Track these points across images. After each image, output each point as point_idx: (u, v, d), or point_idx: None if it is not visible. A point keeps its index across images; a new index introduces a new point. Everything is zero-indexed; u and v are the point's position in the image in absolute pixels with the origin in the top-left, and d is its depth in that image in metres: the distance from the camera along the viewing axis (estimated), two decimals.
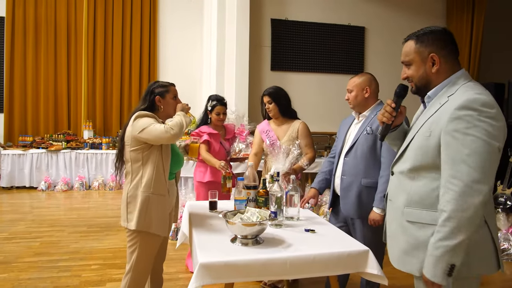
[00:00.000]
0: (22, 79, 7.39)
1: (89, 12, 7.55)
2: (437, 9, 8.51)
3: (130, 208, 2.02)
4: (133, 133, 2.00)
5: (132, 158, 2.03)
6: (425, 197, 1.40)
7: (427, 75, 1.44)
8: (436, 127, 1.35)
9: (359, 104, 2.31)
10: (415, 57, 1.45)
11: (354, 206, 2.23)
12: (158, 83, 2.21)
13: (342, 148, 2.36)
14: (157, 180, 2.02)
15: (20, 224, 4.59)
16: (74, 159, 6.93)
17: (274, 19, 7.67)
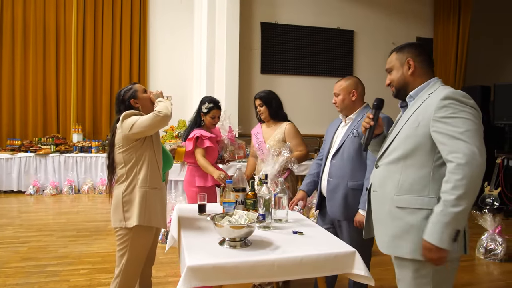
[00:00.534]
0: (10, 81, 7.31)
1: (78, 13, 7.50)
2: (424, 13, 8.64)
3: (127, 206, 2.00)
4: (123, 132, 2.00)
5: (125, 159, 2.02)
6: (414, 184, 1.52)
7: (404, 78, 1.65)
8: (423, 117, 1.50)
9: (346, 108, 2.33)
10: (395, 63, 1.68)
11: (340, 208, 2.25)
12: (121, 91, 2.20)
13: (329, 151, 2.39)
14: (152, 175, 2.04)
15: (7, 229, 4.53)
16: (63, 163, 6.86)
17: (264, 23, 7.71)
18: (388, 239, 1.59)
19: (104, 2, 7.64)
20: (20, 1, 7.28)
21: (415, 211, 1.51)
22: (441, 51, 8.44)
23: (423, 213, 1.49)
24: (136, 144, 2.02)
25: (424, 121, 1.49)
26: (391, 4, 8.39)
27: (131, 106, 2.13)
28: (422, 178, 1.51)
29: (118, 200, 2.03)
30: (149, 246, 2.13)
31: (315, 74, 8.03)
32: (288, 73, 7.85)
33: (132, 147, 2.02)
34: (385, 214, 1.60)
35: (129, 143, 2.01)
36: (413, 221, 1.51)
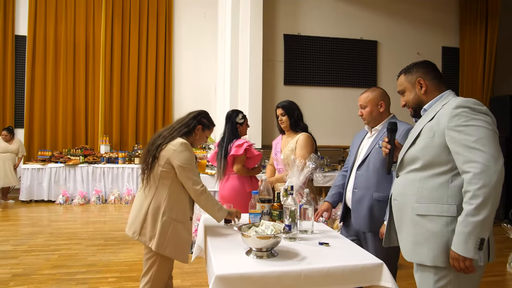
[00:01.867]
0: (42, 95, 7.64)
1: (106, 29, 7.80)
2: (450, 22, 8.52)
3: (147, 222, 2.08)
4: (173, 159, 2.08)
5: (161, 175, 2.10)
6: (433, 192, 1.56)
7: (418, 97, 1.71)
8: (438, 127, 1.54)
9: (374, 119, 2.31)
10: (406, 85, 1.74)
11: (366, 219, 2.23)
12: (208, 116, 2.33)
13: (355, 162, 2.37)
14: (180, 206, 2.12)
15: (39, 237, 4.69)
16: (91, 173, 7.07)
17: (287, 34, 7.79)
18: (410, 246, 1.62)
19: (131, 18, 7.92)
20: (52, 20, 7.64)
21: (435, 218, 1.54)
22: (468, 60, 8.28)
23: (443, 220, 1.52)
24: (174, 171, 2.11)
25: (439, 131, 1.53)
26: (415, 13, 8.31)
27: (194, 128, 2.23)
28: (440, 185, 1.54)
29: (142, 211, 2.10)
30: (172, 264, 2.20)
31: (338, 85, 8.02)
32: (311, 84, 7.87)
33: (170, 171, 2.10)
34: (406, 222, 1.64)
35: (170, 168, 2.10)
36: (433, 228, 1.54)
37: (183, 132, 2.19)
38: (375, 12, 8.18)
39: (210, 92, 8.07)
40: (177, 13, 8.17)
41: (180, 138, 2.14)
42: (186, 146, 2.12)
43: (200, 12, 8.17)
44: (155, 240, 2.05)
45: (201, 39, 8.17)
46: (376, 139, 2.28)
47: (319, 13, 7.93)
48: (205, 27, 8.16)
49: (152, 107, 8.00)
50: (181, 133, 2.18)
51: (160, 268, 2.12)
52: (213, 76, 8.06)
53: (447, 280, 1.53)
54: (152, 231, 2.07)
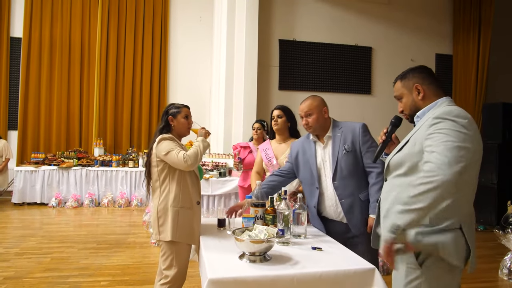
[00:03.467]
0: (36, 97, 7.61)
1: (102, 32, 7.80)
2: (443, 29, 8.61)
3: (161, 221, 2.25)
4: (158, 154, 2.26)
5: (160, 176, 2.29)
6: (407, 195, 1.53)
7: (415, 103, 1.68)
8: (420, 136, 1.55)
9: (321, 126, 2.31)
10: (403, 91, 1.72)
11: (363, 222, 2.25)
12: (173, 105, 2.44)
13: (320, 176, 2.32)
14: (184, 195, 2.28)
15: (31, 240, 4.65)
16: (85, 176, 7.03)
17: (282, 40, 7.83)
18: None
19: (127, 21, 7.93)
20: (48, 22, 7.62)
21: None
22: (461, 68, 8.37)
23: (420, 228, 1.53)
24: (170, 166, 2.28)
25: (418, 139, 1.55)
26: (410, 21, 8.40)
27: (167, 121, 2.37)
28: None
29: (154, 213, 2.28)
30: (189, 253, 2.34)
31: (332, 90, 8.07)
32: (306, 89, 7.90)
33: (166, 167, 2.28)
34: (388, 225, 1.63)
35: (162, 162, 2.28)
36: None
37: (159, 130, 2.37)
38: (370, 19, 8.25)
39: (205, 96, 8.08)
40: (173, 17, 8.19)
41: (158, 136, 2.30)
42: (162, 137, 2.27)
43: (196, 16, 8.19)
44: (169, 231, 2.22)
45: (197, 43, 8.19)
46: (336, 145, 2.26)
47: (314, 19, 7.98)
48: (201, 31, 8.18)
49: (146, 110, 7.99)
50: (159, 132, 2.35)
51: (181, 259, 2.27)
52: (208, 80, 8.08)
53: (419, 282, 1.53)
54: (165, 226, 2.24)
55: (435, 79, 1.69)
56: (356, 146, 2.25)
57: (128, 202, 6.93)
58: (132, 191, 7.08)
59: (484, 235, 5.49)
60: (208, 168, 6.18)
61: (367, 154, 2.24)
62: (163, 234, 2.25)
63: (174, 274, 2.24)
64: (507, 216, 5.44)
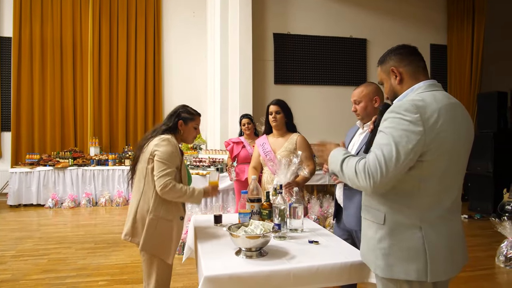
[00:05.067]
0: (29, 97, 7.53)
1: (94, 29, 7.72)
2: (438, 20, 8.60)
3: (138, 225, 2.08)
4: (154, 151, 2.07)
5: (147, 173, 2.09)
6: (368, 196, 1.56)
7: (393, 88, 1.57)
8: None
9: (369, 115, 2.28)
10: (382, 76, 1.61)
11: (356, 218, 2.22)
12: (187, 108, 2.28)
13: None
14: (167, 204, 2.09)
15: (27, 241, 4.62)
16: (81, 176, 6.99)
17: (276, 33, 7.79)
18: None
19: (119, 17, 7.85)
20: (38, 20, 7.53)
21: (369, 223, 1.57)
22: (456, 57, 8.37)
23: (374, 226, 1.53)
24: None
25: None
26: (404, 11, 8.38)
27: (177, 125, 2.21)
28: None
29: (132, 212, 2.11)
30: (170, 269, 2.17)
31: (328, 83, 8.05)
32: (302, 83, 7.88)
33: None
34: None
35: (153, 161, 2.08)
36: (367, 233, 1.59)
37: (163, 130, 2.18)
38: (364, 10, 8.22)
39: (200, 92, 8.04)
40: (166, 13, 8.12)
41: (162, 135, 2.13)
42: (168, 140, 2.09)
43: (189, 12, 8.13)
44: (142, 239, 2.04)
45: (191, 39, 8.13)
46: (367, 135, 2.27)
47: (308, 12, 7.94)
48: (195, 27, 8.12)
49: (142, 108, 7.94)
50: (162, 132, 2.17)
51: (161, 268, 2.09)
52: (203, 76, 8.03)
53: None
54: (140, 231, 2.07)
55: (414, 59, 1.54)
56: None
57: (125, 200, 6.90)
58: (129, 190, 7.03)
59: (481, 223, 5.51)
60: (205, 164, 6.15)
61: None
62: (137, 237, 2.06)
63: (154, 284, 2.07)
64: (503, 204, 5.46)
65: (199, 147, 7.09)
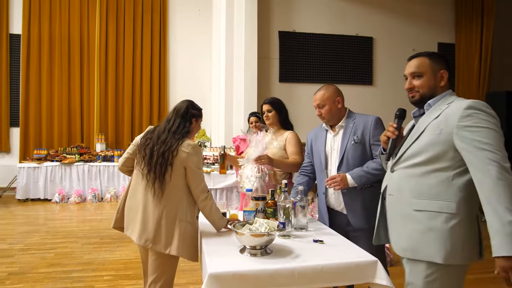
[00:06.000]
0: (37, 94, 7.60)
1: (101, 27, 7.75)
2: (446, 18, 8.52)
3: (164, 231, 2.03)
4: (188, 162, 2.05)
5: (173, 181, 2.06)
6: (432, 188, 1.56)
7: (435, 87, 1.66)
8: (446, 125, 1.54)
9: (334, 117, 2.33)
10: (427, 70, 1.66)
11: (363, 216, 2.23)
12: (193, 105, 2.25)
13: (327, 164, 2.34)
14: (191, 208, 2.13)
15: (35, 235, 4.68)
16: (87, 172, 7.05)
17: (281, 31, 7.77)
18: (405, 242, 1.64)
19: (126, 15, 7.88)
20: (46, 18, 7.58)
21: (434, 214, 1.56)
22: (464, 56, 8.29)
23: (442, 216, 1.54)
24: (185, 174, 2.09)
25: (447, 128, 1.53)
26: (411, 9, 8.31)
27: (190, 122, 2.18)
28: (441, 182, 1.55)
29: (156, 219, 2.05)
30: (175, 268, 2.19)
31: (333, 82, 7.99)
32: (307, 81, 7.86)
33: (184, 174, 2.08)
34: (403, 217, 1.65)
35: (183, 172, 2.07)
36: (431, 225, 1.56)
37: (183, 132, 2.12)
38: (370, 9, 8.17)
39: (205, 89, 8.05)
40: (171, 10, 8.13)
41: (188, 140, 2.11)
42: (197, 149, 2.10)
43: (195, 9, 8.13)
44: (175, 245, 2.02)
45: (196, 36, 8.14)
46: (346, 135, 2.27)
47: (314, 10, 7.91)
48: (200, 24, 8.12)
49: (147, 105, 7.98)
50: (184, 135, 2.12)
51: (171, 270, 2.14)
52: (208, 73, 8.04)
53: (437, 275, 1.56)
54: (168, 238, 2.02)
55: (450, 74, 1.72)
56: (365, 138, 2.25)
57: None
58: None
59: None
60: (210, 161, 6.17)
61: (376, 147, 2.22)
62: (159, 245, 2.02)
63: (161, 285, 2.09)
64: None
65: (203, 144, 7.11)
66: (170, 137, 2.08)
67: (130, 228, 2.14)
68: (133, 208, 2.14)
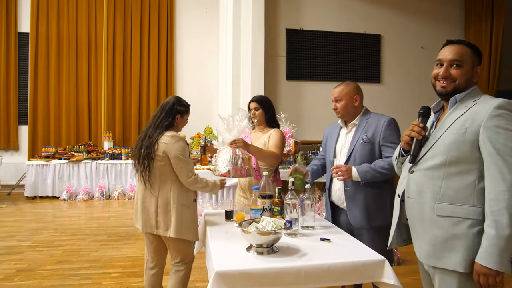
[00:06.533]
0: (45, 92, 7.66)
1: (108, 25, 7.79)
2: (455, 16, 8.41)
3: (162, 217, 2.26)
4: (168, 151, 2.23)
5: (160, 171, 2.26)
6: (458, 192, 1.44)
7: (469, 82, 1.55)
8: (472, 124, 1.43)
9: (349, 113, 2.31)
10: (468, 61, 1.54)
11: (363, 216, 2.21)
12: (180, 101, 2.40)
13: (335, 159, 2.33)
14: (184, 192, 2.31)
15: (43, 232, 4.72)
16: (95, 169, 7.09)
17: (289, 29, 7.73)
18: (429, 249, 1.52)
19: (133, 13, 7.91)
20: (54, 17, 7.64)
21: (459, 220, 1.44)
22: None
23: (467, 222, 1.43)
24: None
25: (473, 127, 1.43)
26: (419, 6, 8.22)
27: (174, 118, 2.36)
28: (467, 186, 1.43)
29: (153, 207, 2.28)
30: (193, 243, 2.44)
31: (341, 80, 7.90)
32: (314, 79, 7.82)
33: (169, 162, 2.26)
34: (425, 222, 1.52)
35: (168, 161, 2.25)
36: (457, 231, 1.44)
37: (166, 126, 2.31)
38: (378, 6, 8.10)
39: (212, 87, 8.05)
40: (178, 8, 8.14)
41: (167, 132, 2.28)
42: (177, 137, 2.27)
43: (202, 7, 8.13)
44: (172, 228, 2.23)
45: (203, 35, 8.14)
46: (357, 134, 2.25)
47: (321, 7, 7.86)
48: (207, 23, 8.12)
49: (154, 103, 8.00)
50: (165, 128, 2.30)
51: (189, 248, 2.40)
52: (215, 72, 8.04)
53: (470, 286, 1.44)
54: (167, 222, 2.25)
55: None
56: (375, 138, 2.20)
57: None
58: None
59: None
60: None
61: (386, 148, 2.18)
62: (161, 229, 2.26)
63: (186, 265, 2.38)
64: None
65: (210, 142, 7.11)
66: (153, 131, 2.28)
67: (137, 220, 2.37)
68: (136, 203, 2.38)
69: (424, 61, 7.85)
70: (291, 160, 6.01)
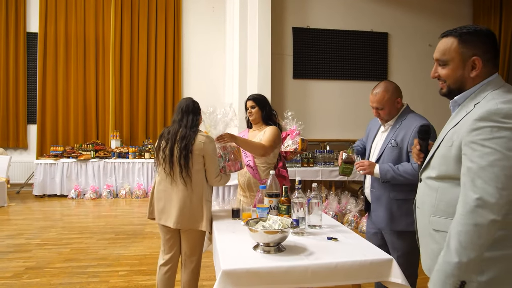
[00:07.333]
0: (53, 91, 7.72)
1: (115, 24, 7.83)
2: (463, 13, 8.34)
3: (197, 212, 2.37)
4: (205, 151, 2.35)
5: (195, 169, 2.36)
6: (449, 206, 1.33)
7: (464, 79, 1.34)
8: (457, 137, 1.29)
9: (392, 116, 2.25)
10: (455, 57, 1.33)
11: (385, 219, 2.20)
12: (194, 101, 2.50)
13: (369, 157, 2.35)
14: (210, 189, 2.47)
15: (51, 231, 4.76)
16: (102, 168, 7.14)
17: (295, 28, 7.72)
18: (429, 262, 1.44)
19: (140, 13, 7.93)
20: (62, 17, 7.70)
21: None
22: None
23: None
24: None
25: (456, 142, 1.28)
26: (427, 4, 8.16)
27: (199, 115, 2.46)
28: (457, 200, 1.28)
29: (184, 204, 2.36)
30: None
31: (348, 78, 7.94)
32: (321, 77, 7.80)
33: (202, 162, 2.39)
34: (426, 234, 1.46)
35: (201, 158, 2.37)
36: None
37: (195, 128, 2.41)
38: (385, 4, 8.05)
39: (219, 86, 8.06)
40: (185, 7, 8.16)
41: (201, 132, 2.42)
42: (211, 137, 2.42)
43: (209, 6, 8.14)
44: (204, 222, 2.35)
45: (210, 33, 8.15)
46: (389, 136, 2.21)
47: (328, 6, 7.83)
48: (214, 21, 8.13)
49: (161, 102, 8.03)
50: (197, 127, 2.42)
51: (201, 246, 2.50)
52: (222, 70, 8.05)
53: None
54: (200, 216, 2.36)
55: (497, 51, 1.31)
56: (404, 143, 2.13)
57: (145, 193, 7.01)
58: (149, 182, 7.17)
59: None
60: None
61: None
62: (196, 223, 2.36)
63: (198, 258, 2.47)
64: None
65: None
66: (189, 132, 2.37)
67: (164, 218, 2.42)
68: (165, 201, 2.42)
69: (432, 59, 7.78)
70: (297, 159, 6.00)
